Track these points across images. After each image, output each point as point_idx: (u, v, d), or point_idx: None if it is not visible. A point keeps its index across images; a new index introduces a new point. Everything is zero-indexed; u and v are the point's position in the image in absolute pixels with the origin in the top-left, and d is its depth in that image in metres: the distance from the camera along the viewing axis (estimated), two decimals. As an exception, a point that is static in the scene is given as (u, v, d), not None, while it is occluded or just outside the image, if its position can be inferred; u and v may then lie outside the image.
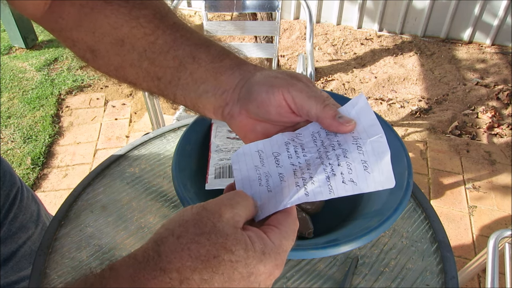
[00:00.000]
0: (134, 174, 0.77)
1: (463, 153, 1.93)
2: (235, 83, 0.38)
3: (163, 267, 0.27)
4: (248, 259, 0.29)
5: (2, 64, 2.59)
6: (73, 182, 1.81)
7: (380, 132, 0.34)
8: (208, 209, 0.30)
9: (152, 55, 0.39)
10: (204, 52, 0.39)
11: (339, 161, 0.34)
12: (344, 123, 0.35)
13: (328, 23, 2.98)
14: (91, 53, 0.40)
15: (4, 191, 0.69)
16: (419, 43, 2.75)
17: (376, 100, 2.29)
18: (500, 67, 2.51)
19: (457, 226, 1.60)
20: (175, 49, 0.39)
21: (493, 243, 0.87)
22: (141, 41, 0.39)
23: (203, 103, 0.40)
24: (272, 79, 0.36)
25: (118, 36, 0.39)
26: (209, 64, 0.38)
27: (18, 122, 2.13)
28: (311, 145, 0.37)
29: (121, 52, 0.39)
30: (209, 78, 0.39)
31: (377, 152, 0.34)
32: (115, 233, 0.67)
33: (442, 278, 0.60)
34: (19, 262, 0.73)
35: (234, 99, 0.38)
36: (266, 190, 0.36)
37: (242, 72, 0.38)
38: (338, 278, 0.60)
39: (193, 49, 0.39)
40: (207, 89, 0.39)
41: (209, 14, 2.92)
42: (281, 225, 0.33)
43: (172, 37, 0.39)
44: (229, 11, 1.50)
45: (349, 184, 0.33)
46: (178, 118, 1.45)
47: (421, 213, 0.70)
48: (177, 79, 0.39)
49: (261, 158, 0.38)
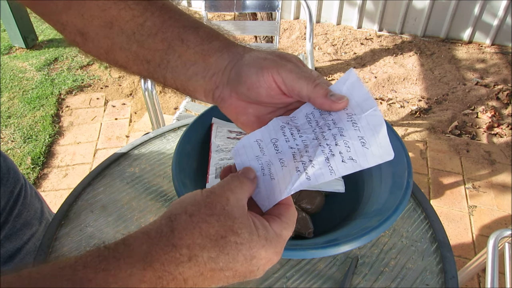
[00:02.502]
0: (134, 174, 0.77)
1: (463, 153, 1.93)
2: (224, 65, 0.38)
3: (175, 243, 0.29)
4: (252, 242, 0.31)
5: (2, 64, 2.59)
6: (73, 182, 1.81)
7: (373, 105, 0.34)
8: (216, 193, 0.32)
9: (140, 37, 0.39)
10: (192, 34, 0.38)
11: (336, 140, 0.34)
12: (336, 100, 0.35)
13: (328, 23, 2.98)
14: (81, 36, 0.40)
15: (8, 188, 0.69)
16: (419, 43, 2.75)
17: (376, 100, 2.29)
18: (500, 67, 2.51)
19: (457, 226, 1.60)
20: (164, 31, 0.38)
21: (493, 242, 0.87)
22: (130, 23, 0.38)
23: (193, 86, 0.40)
24: (261, 60, 0.36)
25: (107, 18, 0.38)
26: (198, 46, 0.38)
27: (18, 122, 2.13)
28: (306, 126, 0.37)
29: (110, 34, 0.39)
30: (198, 60, 0.38)
31: (373, 126, 0.34)
32: (115, 232, 0.67)
33: (442, 278, 0.60)
34: (23, 259, 0.74)
35: (224, 82, 0.38)
36: (270, 179, 0.36)
37: (231, 54, 0.38)
38: (338, 278, 0.60)
39: (181, 31, 0.38)
40: (196, 71, 0.39)
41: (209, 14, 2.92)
42: (282, 216, 0.35)
43: (160, 19, 0.38)
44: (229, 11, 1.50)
45: (348, 162, 0.33)
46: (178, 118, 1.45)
47: (421, 213, 0.70)
48: (166, 62, 0.39)
49: (260, 147, 0.38)
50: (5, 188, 0.69)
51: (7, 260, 0.71)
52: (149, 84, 1.33)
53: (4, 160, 0.69)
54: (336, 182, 0.66)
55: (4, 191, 0.68)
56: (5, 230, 0.69)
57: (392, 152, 0.33)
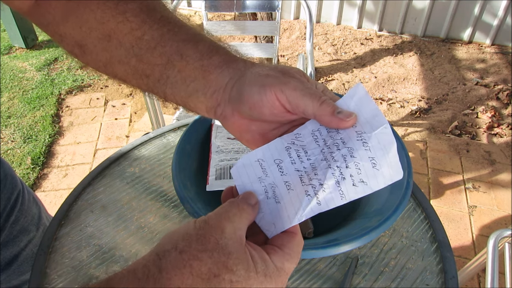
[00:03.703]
0: (134, 174, 0.77)
1: (463, 153, 1.93)
2: (225, 83, 0.36)
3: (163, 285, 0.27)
4: (249, 279, 0.28)
5: (2, 64, 2.59)
6: (73, 182, 1.81)
7: (384, 122, 0.32)
8: (210, 224, 0.30)
9: (139, 51, 0.37)
10: (192, 49, 0.37)
11: (347, 162, 0.32)
12: (344, 118, 0.33)
13: (328, 23, 2.98)
14: (79, 48, 0.39)
15: (5, 194, 0.69)
16: (419, 43, 2.75)
17: (376, 100, 2.29)
18: (500, 67, 2.51)
19: (457, 226, 1.60)
20: (162, 45, 0.37)
21: (493, 243, 0.87)
22: (128, 36, 0.37)
23: (194, 102, 0.38)
24: (263, 78, 0.34)
25: (105, 31, 0.37)
26: (197, 62, 0.37)
27: (18, 122, 2.13)
28: (313, 146, 0.35)
29: (108, 47, 0.38)
30: (198, 76, 0.37)
31: (383, 145, 0.32)
32: (115, 233, 0.67)
33: (442, 278, 0.60)
34: (20, 265, 0.73)
35: (225, 100, 0.37)
36: (275, 202, 0.34)
37: (231, 70, 0.37)
38: (338, 278, 0.60)
39: (180, 45, 0.37)
40: (196, 88, 0.37)
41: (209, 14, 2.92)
42: (285, 247, 0.32)
43: (159, 32, 0.37)
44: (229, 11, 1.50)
45: (359, 185, 0.32)
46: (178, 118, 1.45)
47: (421, 213, 0.70)
48: (165, 77, 0.38)
49: (263, 168, 0.35)
50: (2, 195, 0.68)
51: (4, 268, 0.71)
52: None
53: (2, 166, 0.69)
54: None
55: (1, 198, 0.68)
56: (2, 237, 0.69)
57: (401, 171, 0.32)
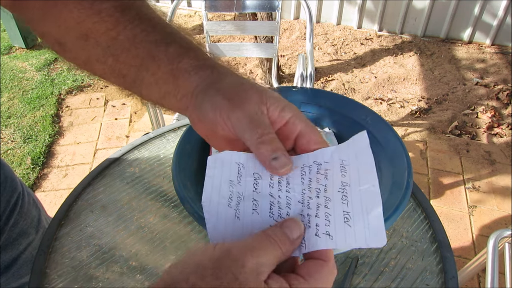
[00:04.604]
0: (134, 174, 0.77)
1: (463, 153, 1.93)
2: (192, 89, 0.36)
3: None
4: None
5: (2, 64, 2.59)
6: (73, 182, 1.81)
7: (374, 181, 0.31)
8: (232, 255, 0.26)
9: (115, 51, 0.37)
10: (163, 52, 0.37)
11: (318, 211, 0.30)
12: (278, 168, 0.32)
13: (328, 23, 2.98)
14: (59, 46, 0.39)
15: (4, 197, 0.69)
16: (419, 43, 2.75)
17: (376, 100, 2.29)
18: (500, 67, 2.51)
19: (457, 226, 1.60)
20: (136, 46, 0.37)
21: (493, 243, 0.87)
22: (104, 36, 0.37)
23: (167, 104, 0.39)
24: (220, 98, 0.34)
25: (82, 30, 0.37)
26: (168, 66, 0.36)
27: (18, 122, 2.13)
28: (298, 181, 0.33)
29: (86, 47, 0.38)
30: (169, 80, 0.37)
31: (365, 204, 0.30)
32: (115, 233, 0.67)
33: (442, 278, 0.60)
34: (20, 268, 0.73)
35: (192, 105, 0.36)
36: (234, 216, 0.32)
37: (197, 77, 0.36)
38: (338, 278, 0.60)
39: (152, 48, 0.37)
40: (168, 90, 0.37)
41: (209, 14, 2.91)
42: (311, 277, 0.28)
43: (132, 33, 0.37)
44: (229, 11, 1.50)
45: (322, 237, 0.29)
46: (178, 118, 1.45)
47: (421, 213, 0.70)
48: (141, 78, 0.38)
49: (239, 173, 0.33)
50: (1, 197, 0.68)
51: (4, 271, 0.70)
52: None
53: (2, 168, 0.69)
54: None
55: (0, 200, 0.68)
56: (1, 240, 0.69)
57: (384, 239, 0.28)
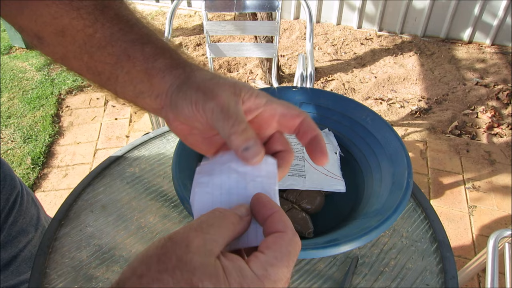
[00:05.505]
0: (134, 174, 0.77)
1: (463, 153, 1.93)
2: (167, 88, 0.37)
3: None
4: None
5: (2, 64, 2.59)
6: (73, 182, 1.81)
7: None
8: (174, 239, 0.26)
9: (91, 49, 0.38)
10: (139, 51, 0.37)
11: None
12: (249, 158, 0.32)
13: (328, 23, 2.98)
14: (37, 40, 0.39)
15: (4, 195, 0.69)
16: (419, 43, 2.75)
17: (376, 100, 2.29)
18: (500, 67, 2.51)
19: (457, 226, 1.60)
20: (112, 45, 0.37)
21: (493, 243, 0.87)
22: (81, 33, 0.37)
23: (141, 103, 0.39)
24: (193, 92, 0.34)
25: (59, 26, 0.37)
26: (143, 64, 0.37)
27: (18, 122, 2.13)
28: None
29: (63, 42, 0.38)
30: (144, 79, 0.37)
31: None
32: (115, 233, 0.67)
33: (442, 278, 0.60)
34: (19, 266, 0.73)
35: (167, 104, 0.37)
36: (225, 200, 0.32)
37: (172, 77, 0.37)
38: (338, 278, 0.60)
39: (128, 46, 0.37)
40: (142, 90, 0.38)
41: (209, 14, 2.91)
42: (269, 250, 0.27)
43: (110, 31, 0.37)
44: (229, 11, 1.50)
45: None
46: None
47: (421, 213, 0.70)
48: (115, 76, 0.38)
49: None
50: (1, 195, 0.68)
51: (3, 268, 0.71)
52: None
53: (1, 166, 0.69)
54: (337, 182, 0.66)
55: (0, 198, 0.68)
56: (1, 238, 0.69)
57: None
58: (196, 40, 2.83)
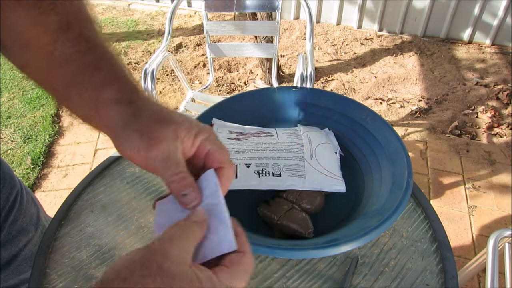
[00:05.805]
0: (134, 174, 0.77)
1: (463, 153, 1.93)
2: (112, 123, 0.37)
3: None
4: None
5: (2, 64, 2.59)
6: (73, 182, 1.81)
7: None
8: (152, 249, 0.30)
9: (50, 64, 0.38)
10: (91, 76, 0.38)
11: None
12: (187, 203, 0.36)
13: (328, 23, 2.98)
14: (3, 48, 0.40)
15: (4, 194, 0.69)
16: (419, 43, 2.75)
17: (376, 100, 2.29)
18: (500, 67, 2.51)
19: (457, 226, 1.60)
20: (69, 66, 0.38)
21: (493, 243, 0.87)
22: (43, 48, 0.38)
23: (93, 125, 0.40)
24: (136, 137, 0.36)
25: (25, 38, 0.38)
26: (92, 92, 0.38)
27: (18, 122, 2.13)
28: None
29: (25, 55, 0.39)
30: (92, 106, 0.38)
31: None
32: (115, 233, 0.67)
33: (442, 278, 0.60)
34: (19, 265, 0.73)
35: (114, 138, 0.38)
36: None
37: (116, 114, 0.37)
38: (338, 278, 0.60)
39: (83, 70, 0.38)
40: (91, 115, 0.38)
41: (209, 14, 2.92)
42: (232, 265, 0.33)
43: (69, 51, 0.38)
44: (229, 11, 1.50)
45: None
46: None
47: (421, 213, 0.70)
48: (68, 95, 0.39)
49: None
50: (1, 194, 0.68)
51: (3, 267, 0.71)
52: (149, 84, 1.33)
53: (1, 165, 0.69)
54: (337, 182, 0.66)
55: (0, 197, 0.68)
56: (1, 237, 0.69)
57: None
58: (196, 40, 2.83)
